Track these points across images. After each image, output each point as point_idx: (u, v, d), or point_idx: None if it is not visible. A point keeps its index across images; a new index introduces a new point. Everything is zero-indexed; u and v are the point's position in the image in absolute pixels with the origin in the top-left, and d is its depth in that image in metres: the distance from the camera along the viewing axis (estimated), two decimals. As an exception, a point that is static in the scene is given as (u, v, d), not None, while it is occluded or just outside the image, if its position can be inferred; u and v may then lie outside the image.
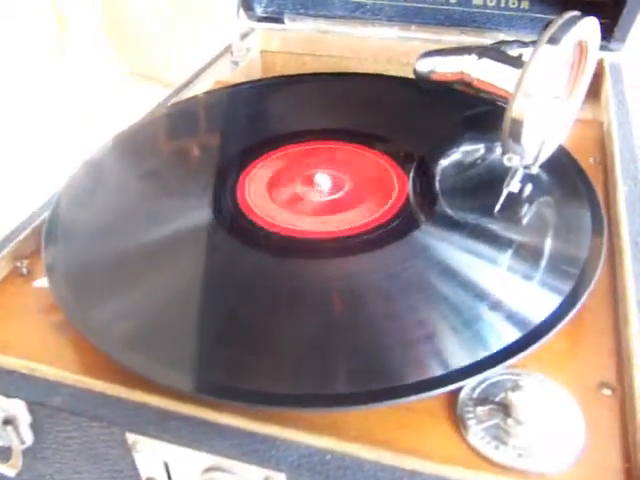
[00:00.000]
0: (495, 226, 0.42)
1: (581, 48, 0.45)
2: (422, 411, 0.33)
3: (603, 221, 0.42)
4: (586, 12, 0.42)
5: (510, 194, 0.43)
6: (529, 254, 0.40)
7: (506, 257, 0.40)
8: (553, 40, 0.40)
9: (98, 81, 1.19)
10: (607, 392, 0.34)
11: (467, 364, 0.33)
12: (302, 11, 0.74)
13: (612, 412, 0.33)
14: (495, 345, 0.34)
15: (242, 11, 0.74)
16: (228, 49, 0.71)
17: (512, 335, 0.34)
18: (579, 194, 0.45)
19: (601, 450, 0.31)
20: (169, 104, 0.61)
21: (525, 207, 0.44)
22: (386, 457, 0.31)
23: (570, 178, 0.46)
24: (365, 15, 0.72)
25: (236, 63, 0.71)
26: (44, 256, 0.42)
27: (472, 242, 0.41)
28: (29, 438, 0.37)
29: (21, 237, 0.45)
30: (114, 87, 1.18)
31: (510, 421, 0.31)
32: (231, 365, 0.34)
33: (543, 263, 0.39)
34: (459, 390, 0.33)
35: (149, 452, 0.34)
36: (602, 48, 0.59)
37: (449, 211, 0.43)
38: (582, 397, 0.33)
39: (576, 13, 0.42)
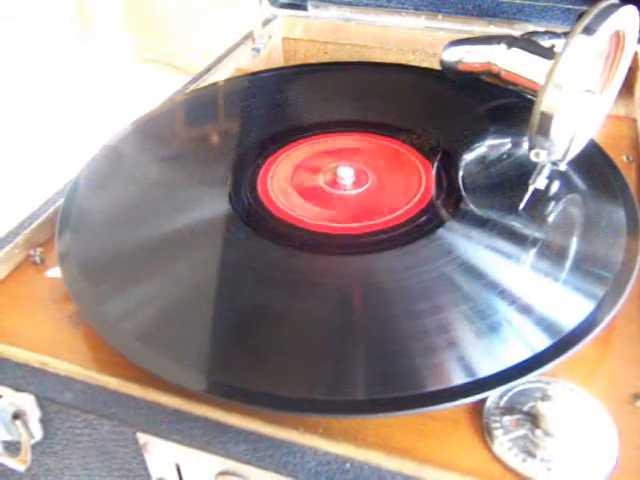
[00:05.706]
0: (521, 225, 0.40)
1: (617, 39, 0.43)
2: (445, 419, 0.32)
3: (639, 220, 0.40)
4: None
5: (539, 191, 0.41)
6: (557, 255, 0.38)
7: (535, 258, 0.39)
8: (588, 30, 0.38)
9: (118, 67, 1.19)
10: (642, 404, 0.32)
11: (494, 372, 0.31)
12: (326, -2, 0.72)
13: (647, 426, 0.31)
14: (524, 353, 0.32)
15: (264, -3, 0.72)
16: (249, 36, 0.70)
17: (542, 342, 0.32)
18: (612, 191, 0.43)
19: (636, 466, 0.29)
20: (188, 91, 0.59)
21: (553, 205, 0.42)
22: (410, 468, 0.29)
23: (603, 175, 0.45)
24: (391, 3, 0.70)
25: (257, 50, 0.70)
26: (57, 245, 0.41)
27: (498, 241, 0.39)
28: (38, 433, 0.36)
29: (35, 225, 0.44)
30: (134, 73, 1.18)
31: (539, 432, 0.30)
32: (247, 366, 0.33)
33: (574, 265, 0.38)
34: (485, 397, 0.32)
35: (160, 453, 0.33)
36: (637, 40, 0.57)
37: (473, 208, 0.42)
38: (615, 409, 0.31)
39: (614, 1, 0.40)
